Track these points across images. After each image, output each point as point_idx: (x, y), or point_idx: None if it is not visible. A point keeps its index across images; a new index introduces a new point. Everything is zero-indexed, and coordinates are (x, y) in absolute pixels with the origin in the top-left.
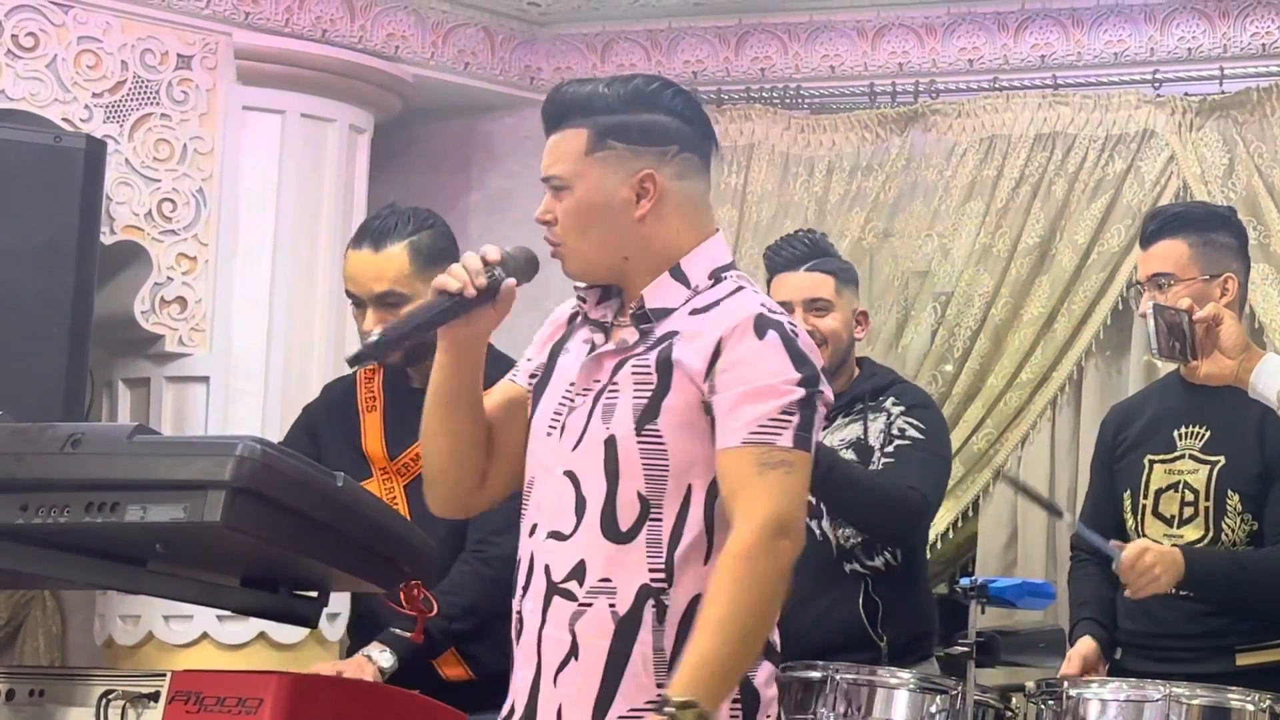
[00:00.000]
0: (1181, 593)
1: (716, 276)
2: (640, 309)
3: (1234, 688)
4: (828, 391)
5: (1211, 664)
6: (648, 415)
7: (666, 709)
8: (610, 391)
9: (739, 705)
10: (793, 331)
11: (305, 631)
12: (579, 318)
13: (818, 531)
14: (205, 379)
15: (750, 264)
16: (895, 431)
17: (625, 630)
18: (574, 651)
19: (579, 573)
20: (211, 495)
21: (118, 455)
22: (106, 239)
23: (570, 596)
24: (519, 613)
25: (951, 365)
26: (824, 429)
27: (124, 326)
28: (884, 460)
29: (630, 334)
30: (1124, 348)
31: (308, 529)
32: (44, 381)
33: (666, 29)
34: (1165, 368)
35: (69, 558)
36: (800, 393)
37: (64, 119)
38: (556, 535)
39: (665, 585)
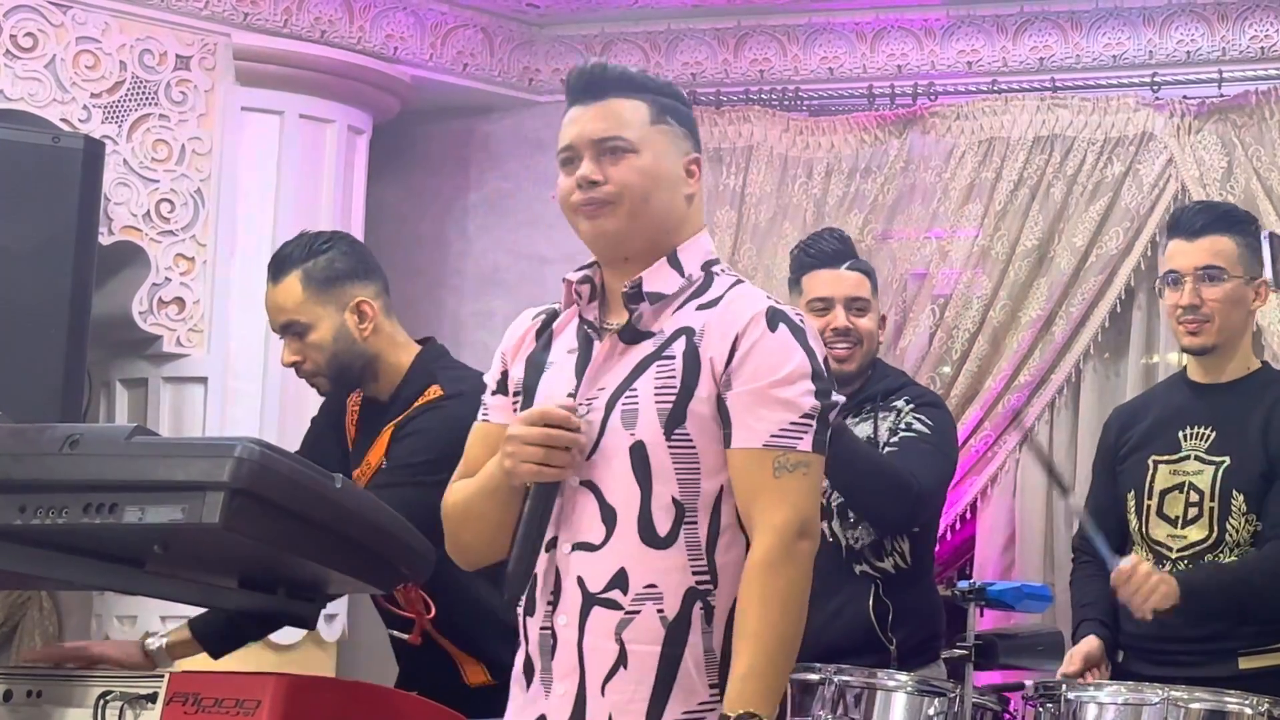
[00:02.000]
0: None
1: (707, 269)
2: (636, 288)
3: (1232, 691)
4: (836, 393)
5: (1214, 667)
6: (675, 419)
7: None
8: (628, 396)
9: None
10: (801, 322)
11: (303, 632)
12: (548, 330)
13: (828, 533)
14: (203, 379)
15: (749, 265)
16: (903, 426)
17: (675, 634)
18: (622, 660)
19: (620, 581)
20: (210, 497)
21: (116, 456)
22: (104, 239)
23: (614, 606)
24: (548, 629)
25: (950, 367)
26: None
27: (122, 327)
28: (888, 449)
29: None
30: (1122, 350)
31: (306, 531)
32: (42, 382)
33: (665, 30)
34: (1165, 370)
35: (67, 559)
36: (819, 399)
37: (62, 119)
38: (586, 546)
39: (711, 586)
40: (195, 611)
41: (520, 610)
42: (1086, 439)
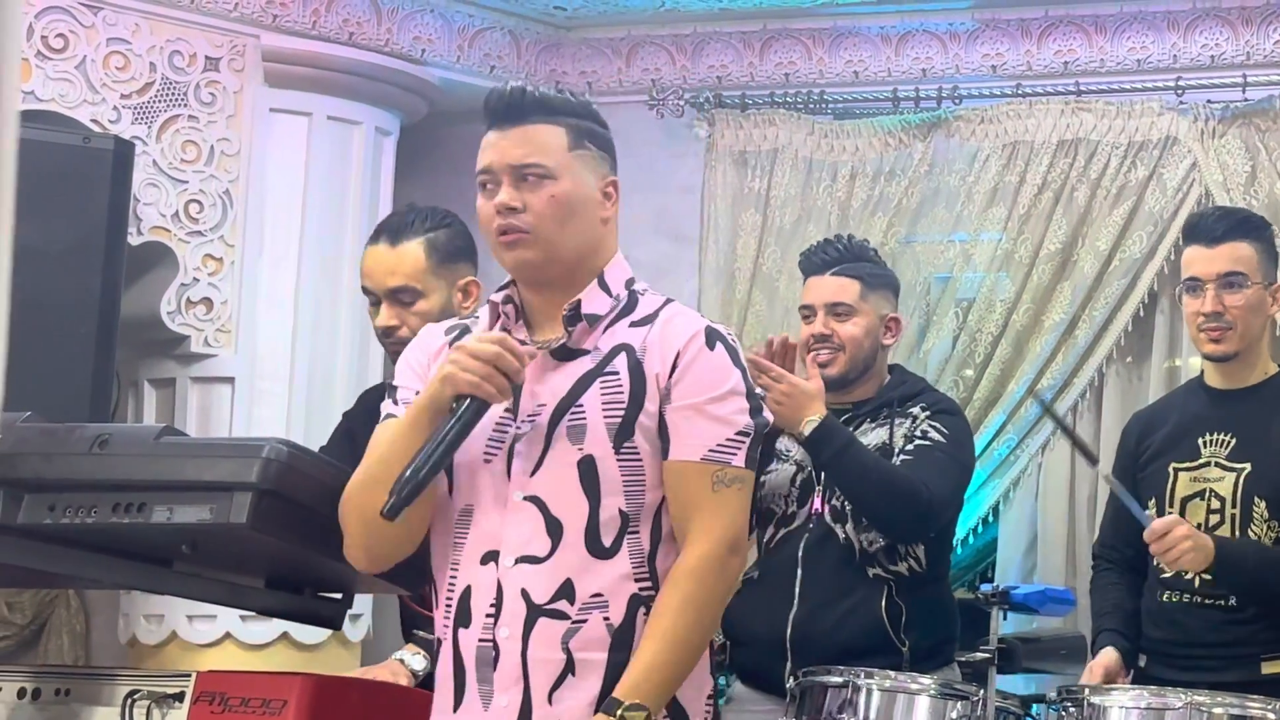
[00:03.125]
0: (1207, 577)
1: (629, 288)
2: (574, 311)
3: (1255, 696)
4: (766, 413)
5: (1236, 672)
6: (624, 433)
7: (617, 711)
8: (574, 412)
9: (711, 700)
10: (734, 343)
11: (328, 632)
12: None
13: (841, 535)
14: (230, 379)
15: (773, 268)
16: (919, 434)
17: (621, 640)
18: (570, 668)
19: (567, 592)
20: (238, 497)
21: (145, 456)
22: (133, 239)
23: (561, 616)
24: (488, 641)
25: (973, 371)
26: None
27: (150, 327)
28: (903, 458)
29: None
30: (1145, 354)
31: (333, 531)
32: (71, 381)
33: (691, 34)
34: (1187, 374)
35: (96, 557)
36: (752, 418)
37: (92, 120)
38: (530, 559)
39: (653, 592)
40: (218, 610)
41: (448, 621)
42: (1109, 443)
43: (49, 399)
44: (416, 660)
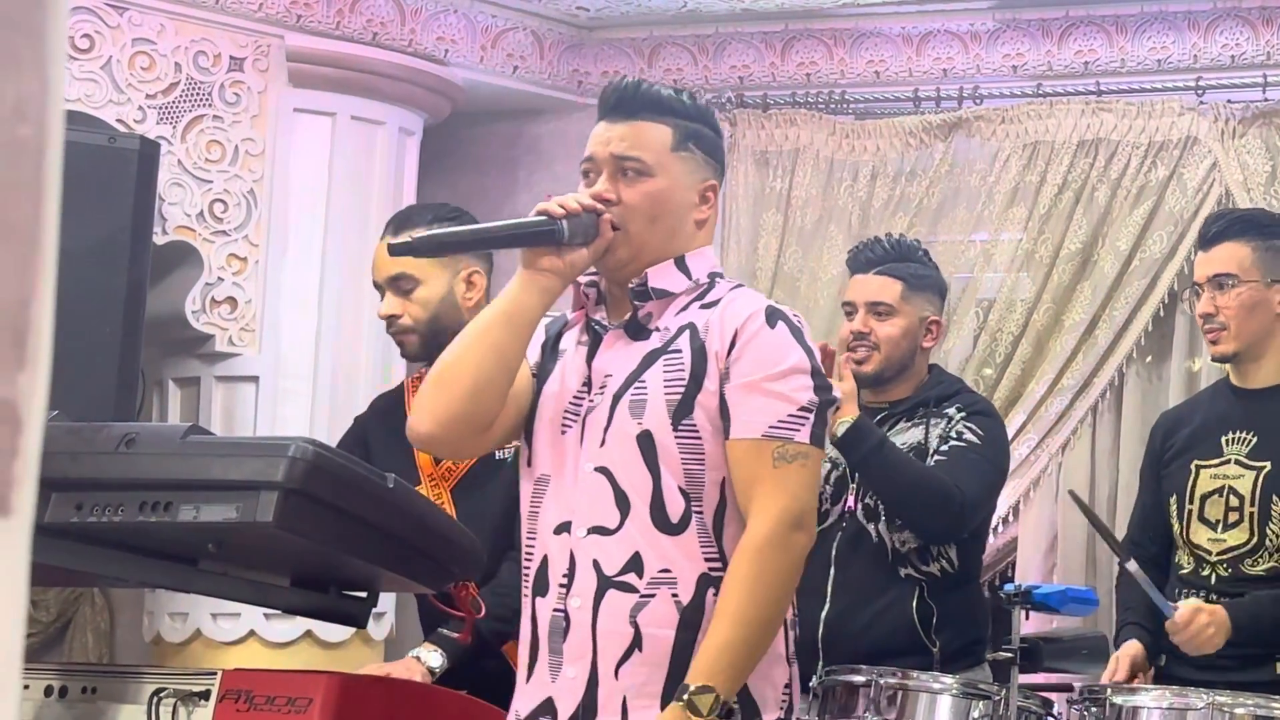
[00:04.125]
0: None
1: (713, 278)
2: (642, 285)
3: (1278, 696)
4: (835, 390)
5: (1253, 672)
6: (683, 410)
7: (685, 695)
8: (637, 388)
9: (787, 689)
10: (798, 322)
11: (351, 630)
12: (564, 329)
13: (874, 534)
14: (255, 379)
15: (794, 268)
16: (953, 435)
17: (690, 619)
18: (637, 643)
19: (636, 565)
20: (264, 496)
21: (172, 455)
22: (159, 239)
23: (629, 589)
24: (560, 610)
25: (993, 370)
26: (887, 432)
27: (175, 326)
28: (937, 458)
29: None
30: (1165, 354)
31: (358, 530)
32: (96, 380)
33: (713, 34)
34: (1208, 374)
35: (122, 556)
36: (817, 394)
37: (118, 120)
38: (601, 530)
39: (723, 572)
40: (242, 609)
41: (527, 590)
42: (1130, 443)
43: (75, 398)
44: (433, 657)
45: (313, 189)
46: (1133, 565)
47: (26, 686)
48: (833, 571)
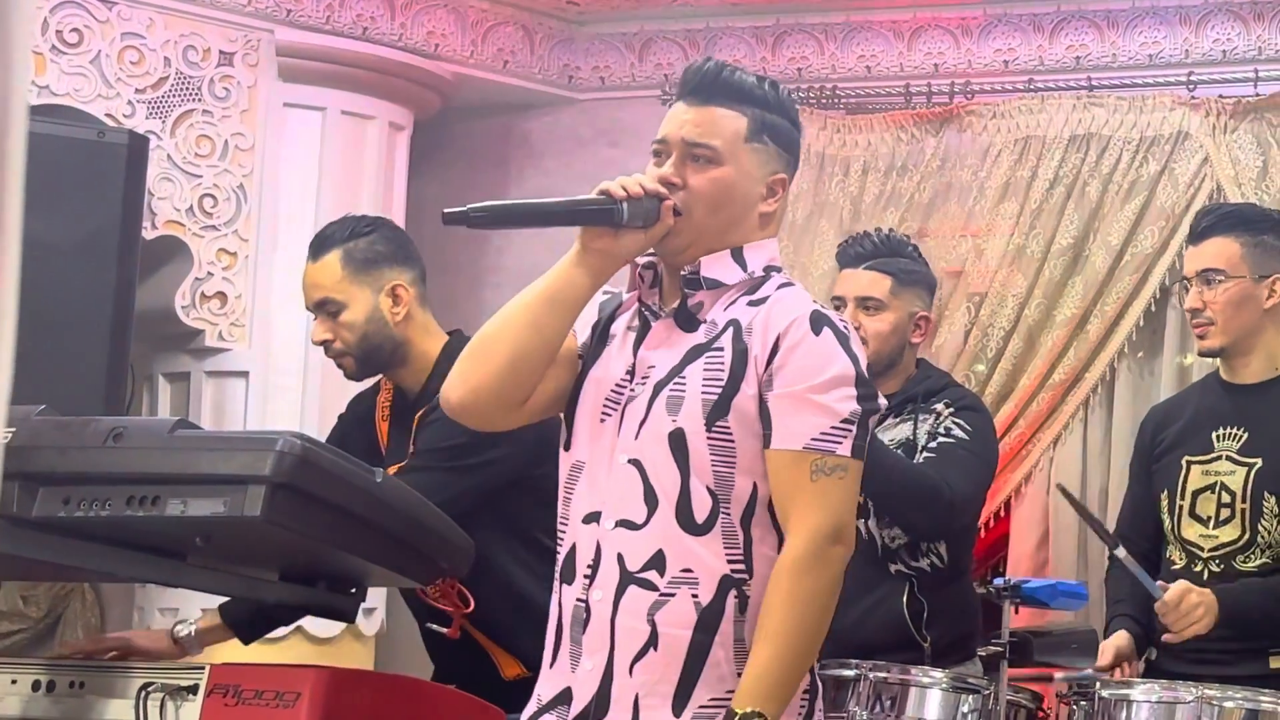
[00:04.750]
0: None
1: (769, 271)
2: (694, 273)
3: (1267, 690)
4: (880, 399)
5: (1246, 666)
6: (719, 411)
7: None
8: (676, 383)
9: (807, 695)
10: (845, 328)
11: (341, 625)
12: (618, 311)
13: (864, 531)
14: (244, 374)
15: (785, 262)
16: (941, 430)
17: (707, 621)
18: (653, 641)
19: (658, 563)
20: (252, 490)
21: (159, 449)
22: (148, 234)
23: (650, 586)
24: (583, 601)
25: (984, 365)
26: (875, 428)
27: (164, 321)
28: (925, 455)
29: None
30: (1157, 349)
31: (347, 524)
32: (85, 375)
33: (704, 29)
34: (1199, 369)
35: (110, 551)
36: (860, 404)
37: (107, 114)
38: (628, 524)
39: (746, 576)
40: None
41: (557, 577)
42: (1121, 438)
43: (63, 392)
44: (182, 628)
45: (303, 184)
46: (1121, 552)
47: (14, 681)
48: None
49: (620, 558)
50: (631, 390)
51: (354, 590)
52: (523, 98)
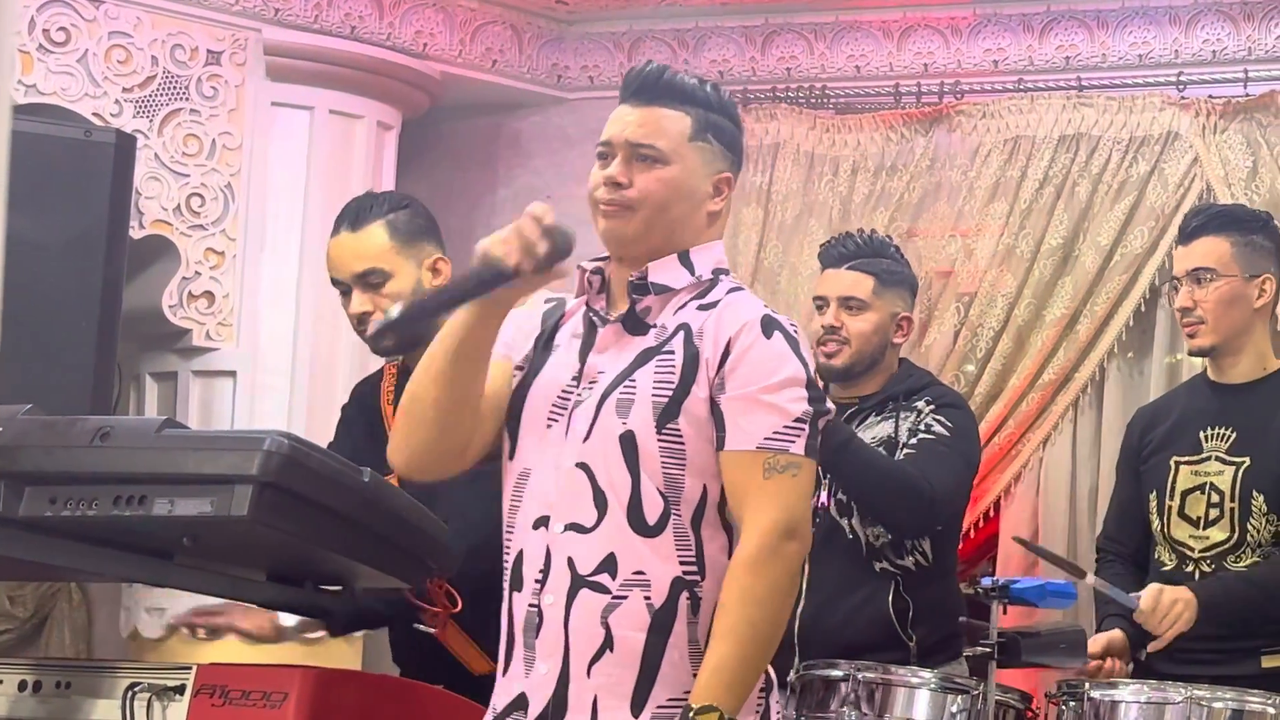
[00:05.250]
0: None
1: (716, 274)
2: (641, 279)
3: (1255, 691)
4: (829, 402)
5: (1236, 666)
6: (669, 413)
7: (689, 715)
8: (626, 386)
9: (763, 692)
10: (795, 332)
11: None
12: (560, 317)
13: (848, 529)
14: (232, 373)
15: (774, 263)
16: (922, 428)
17: (661, 622)
18: (608, 644)
19: (610, 565)
20: (239, 490)
21: (146, 449)
22: (135, 233)
23: (602, 589)
24: (534, 606)
25: (974, 365)
26: (856, 427)
27: (152, 320)
28: (906, 451)
29: (631, 320)
30: (1146, 349)
31: (334, 524)
32: (72, 374)
33: (693, 28)
34: (1189, 369)
35: (97, 550)
36: (811, 405)
37: (94, 114)
38: (577, 527)
39: (698, 577)
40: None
41: (505, 585)
42: (1111, 438)
43: (50, 392)
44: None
45: (290, 183)
46: (1091, 578)
47: (0, 681)
48: (807, 567)
49: (571, 561)
50: (579, 395)
51: (341, 590)
52: (511, 97)
